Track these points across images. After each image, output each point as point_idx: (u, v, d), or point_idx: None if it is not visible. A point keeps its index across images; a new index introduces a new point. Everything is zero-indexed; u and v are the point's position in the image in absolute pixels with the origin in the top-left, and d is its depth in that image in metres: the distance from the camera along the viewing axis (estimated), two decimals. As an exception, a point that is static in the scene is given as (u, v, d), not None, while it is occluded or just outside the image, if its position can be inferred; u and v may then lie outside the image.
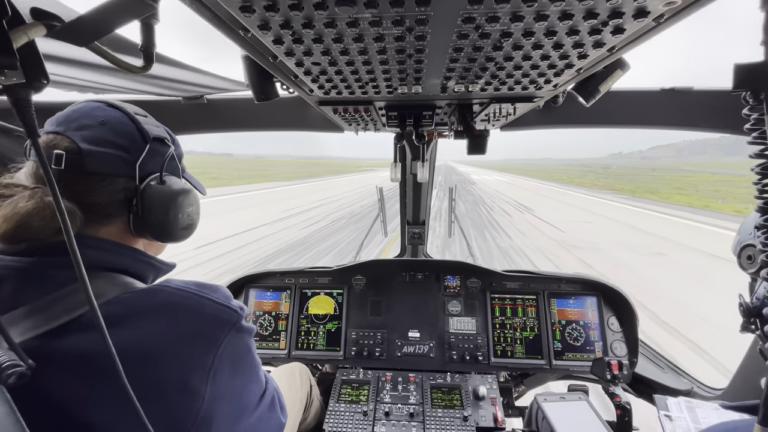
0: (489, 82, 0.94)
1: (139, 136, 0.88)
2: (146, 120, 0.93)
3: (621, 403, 1.65)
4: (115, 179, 0.84)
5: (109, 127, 0.85)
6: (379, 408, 1.89)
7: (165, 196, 0.89)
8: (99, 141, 0.82)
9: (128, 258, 0.86)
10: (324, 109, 1.25)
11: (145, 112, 0.96)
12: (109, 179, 0.84)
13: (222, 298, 0.84)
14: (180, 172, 1.02)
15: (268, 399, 0.95)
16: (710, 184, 46.56)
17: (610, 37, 0.66)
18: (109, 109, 0.89)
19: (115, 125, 0.86)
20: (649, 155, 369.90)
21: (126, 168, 0.86)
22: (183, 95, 1.75)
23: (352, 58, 0.76)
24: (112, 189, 0.84)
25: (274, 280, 2.44)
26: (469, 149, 1.21)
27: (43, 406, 0.66)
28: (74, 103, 0.88)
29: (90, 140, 0.81)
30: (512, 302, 2.29)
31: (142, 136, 0.89)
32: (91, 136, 0.82)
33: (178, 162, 1.01)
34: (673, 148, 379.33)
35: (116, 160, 0.84)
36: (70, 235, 0.58)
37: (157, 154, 0.92)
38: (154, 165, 0.91)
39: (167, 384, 0.72)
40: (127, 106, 0.92)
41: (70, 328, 0.70)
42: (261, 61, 0.82)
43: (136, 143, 0.88)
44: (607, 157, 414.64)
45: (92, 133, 0.83)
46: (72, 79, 1.33)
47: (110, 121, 0.86)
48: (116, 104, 0.90)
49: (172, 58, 1.10)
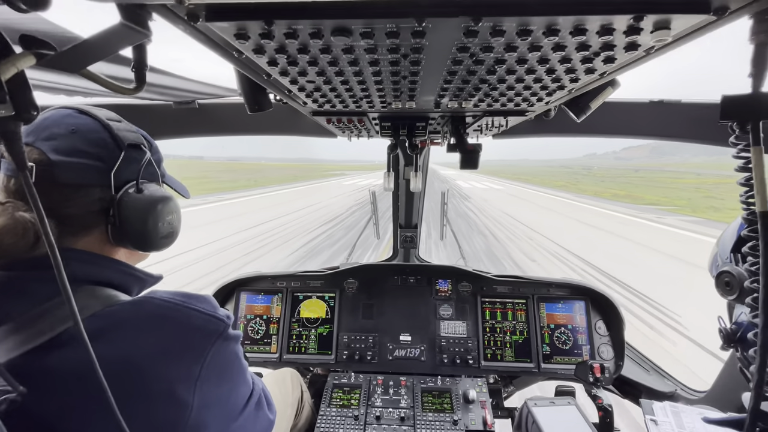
0: (482, 100, 0.95)
1: (112, 143, 0.85)
2: (120, 126, 0.90)
3: (603, 404, 1.70)
4: (89, 189, 0.82)
5: (81, 135, 0.82)
6: (370, 412, 1.91)
7: (143, 204, 0.86)
8: (70, 151, 0.80)
9: (111, 270, 0.85)
10: (317, 118, 1.25)
11: (119, 117, 0.92)
12: (83, 190, 0.81)
13: (209, 309, 0.83)
14: (159, 177, 1.00)
15: (255, 399, 0.96)
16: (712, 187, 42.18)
17: (601, 65, 0.67)
18: (81, 116, 0.86)
19: (86, 133, 0.83)
20: (623, 155, 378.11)
21: (100, 177, 0.83)
22: (174, 100, 1.73)
23: (347, 78, 0.76)
24: (86, 200, 0.82)
25: (266, 284, 2.42)
26: (462, 164, 1.22)
27: (31, 426, 0.66)
28: (45, 110, 0.85)
29: (60, 150, 0.79)
30: (502, 306, 2.32)
31: (116, 144, 0.86)
32: (61, 146, 0.79)
33: (156, 167, 0.98)
34: (645, 148, 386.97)
35: (89, 170, 0.82)
36: (54, 249, 0.56)
37: (133, 161, 0.89)
38: (130, 173, 0.88)
39: (155, 396, 0.71)
40: (100, 111, 0.89)
41: (55, 343, 0.69)
42: (255, 78, 0.82)
43: (109, 151, 0.85)
44: (582, 158, 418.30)
45: (62, 143, 0.80)
46: (60, 84, 1.30)
47: (81, 129, 0.83)
48: (88, 111, 0.87)
49: (163, 70, 1.08)
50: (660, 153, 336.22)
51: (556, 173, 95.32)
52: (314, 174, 70.21)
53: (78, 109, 0.87)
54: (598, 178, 68.36)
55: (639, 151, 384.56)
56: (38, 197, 0.74)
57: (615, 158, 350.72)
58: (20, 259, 0.74)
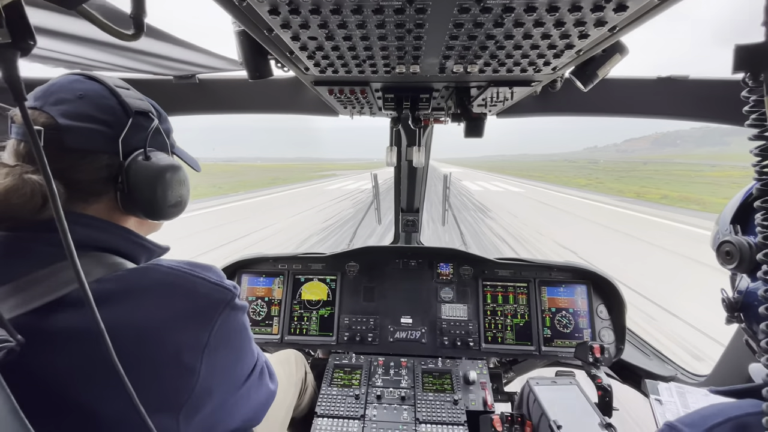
0: (488, 63, 0.93)
1: (120, 110, 0.85)
2: (128, 93, 0.89)
3: (602, 384, 1.70)
4: (97, 155, 0.81)
5: (89, 100, 0.82)
6: (371, 391, 1.92)
7: (150, 172, 0.86)
8: (78, 116, 0.79)
9: (119, 237, 0.84)
10: (319, 89, 1.23)
11: (127, 85, 0.92)
12: (91, 156, 0.81)
13: (216, 278, 0.84)
14: (169, 148, 0.99)
15: (258, 369, 0.97)
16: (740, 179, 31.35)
17: (612, 15, 0.65)
18: (89, 82, 0.85)
19: (94, 98, 0.83)
20: (624, 148, 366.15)
21: (108, 144, 0.82)
22: (174, 74, 1.71)
23: (350, 32, 0.75)
24: (94, 166, 0.81)
25: (267, 266, 2.43)
26: (466, 132, 1.20)
27: (32, 384, 0.66)
28: (53, 78, 0.84)
29: (69, 115, 0.78)
30: (504, 290, 2.32)
31: (124, 110, 0.85)
32: (69, 111, 0.79)
33: (166, 137, 0.97)
34: (646, 140, 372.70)
35: (97, 136, 0.81)
36: (59, 210, 0.56)
37: (141, 128, 0.88)
38: (138, 140, 0.87)
39: (162, 361, 0.72)
40: (108, 78, 0.88)
41: (59, 305, 0.69)
42: (256, 34, 0.80)
43: (117, 117, 0.84)
44: (582, 151, 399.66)
45: (71, 107, 0.79)
46: (60, 54, 1.29)
47: (89, 95, 0.82)
48: (96, 77, 0.86)
49: (162, 31, 1.07)
50: (662, 144, 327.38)
51: (562, 168, 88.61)
52: (297, 176, 57.37)
53: (86, 75, 0.86)
54: (613, 173, 60.41)
55: (641, 143, 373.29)
56: (48, 161, 0.74)
57: (616, 150, 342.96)
58: (27, 221, 0.73)
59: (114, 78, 0.90)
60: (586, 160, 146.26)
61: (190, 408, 0.75)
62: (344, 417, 1.77)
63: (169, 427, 0.72)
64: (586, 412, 1.58)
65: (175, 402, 0.73)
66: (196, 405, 0.75)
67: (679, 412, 1.49)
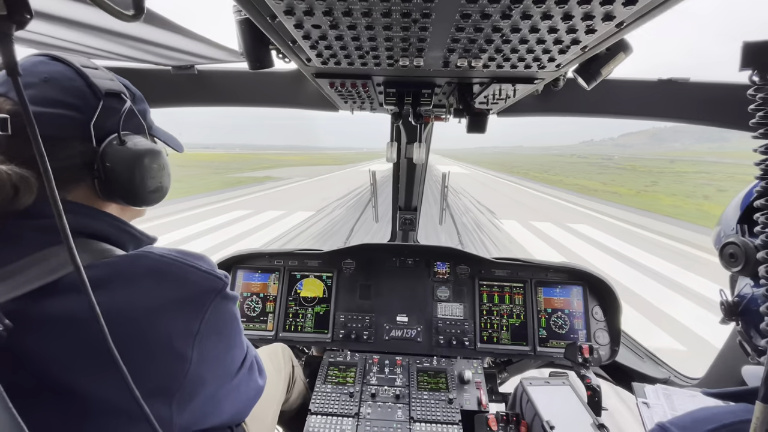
0: (492, 57, 0.92)
1: (89, 92, 0.81)
2: (96, 73, 0.85)
3: (591, 384, 1.72)
4: (68, 142, 0.78)
5: (55, 83, 0.78)
6: (365, 389, 1.90)
7: (126, 157, 0.82)
8: (44, 101, 0.75)
9: (104, 223, 0.83)
10: (320, 82, 1.22)
11: (95, 64, 0.87)
12: (62, 143, 0.77)
13: (207, 266, 0.83)
14: (146, 130, 0.95)
15: (248, 363, 0.96)
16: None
17: (621, 8, 0.64)
18: (54, 63, 0.81)
19: (61, 81, 0.78)
20: (622, 142, 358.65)
21: (79, 129, 0.79)
22: (173, 64, 1.68)
23: (355, 20, 0.73)
24: (67, 153, 0.78)
25: (263, 262, 2.41)
26: (468, 127, 1.20)
27: (21, 369, 0.65)
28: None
29: (34, 100, 0.74)
30: (500, 289, 2.32)
31: (93, 92, 0.81)
32: (35, 96, 0.74)
33: (142, 119, 0.93)
34: (644, 135, 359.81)
35: (65, 122, 0.77)
36: (55, 197, 0.54)
37: (113, 111, 0.84)
38: (112, 124, 0.84)
39: (154, 347, 0.71)
40: (75, 58, 0.83)
41: (50, 290, 0.68)
42: (258, 21, 0.79)
43: (87, 101, 0.80)
44: (578, 145, 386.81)
45: (36, 92, 0.75)
46: (54, 39, 1.26)
47: (55, 77, 0.78)
48: (61, 57, 0.82)
49: (161, 16, 1.05)
50: (659, 139, 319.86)
51: (569, 164, 75.96)
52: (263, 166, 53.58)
53: (50, 56, 0.82)
54: (639, 174, 50.08)
55: (638, 138, 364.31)
56: (17, 150, 0.70)
57: (614, 145, 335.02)
58: (7, 210, 0.71)
59: (81, 57, 0.86)
60: (598, 155, 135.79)
61: (183, 395, 0.74)
62: (338, 414, 1.76)
63: (162, 414, 0.71)
64: (579, 412, 1.58)
65: (167, 388, 0.72)
66: (189, 392, 0.75)
67: (666, 415, 1.50)
